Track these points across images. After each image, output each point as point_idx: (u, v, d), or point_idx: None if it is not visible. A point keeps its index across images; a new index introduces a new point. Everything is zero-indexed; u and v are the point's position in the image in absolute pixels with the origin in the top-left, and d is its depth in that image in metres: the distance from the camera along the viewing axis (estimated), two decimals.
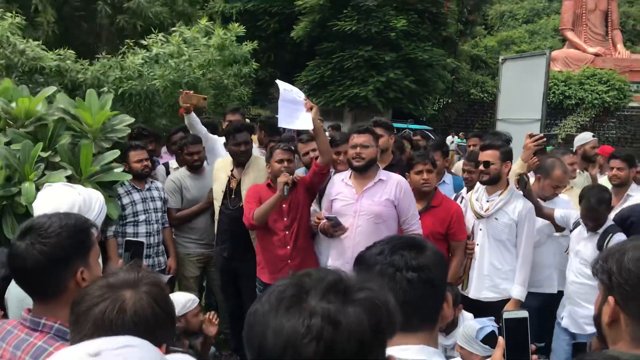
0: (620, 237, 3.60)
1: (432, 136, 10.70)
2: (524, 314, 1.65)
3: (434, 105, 26.31)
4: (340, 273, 0.96)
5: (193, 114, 4.98)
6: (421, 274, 1.39)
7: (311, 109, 3.92)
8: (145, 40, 7.11)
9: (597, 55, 26.83)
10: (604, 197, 3.75)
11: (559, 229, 4.24)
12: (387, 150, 4.59)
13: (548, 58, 8.38)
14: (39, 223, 1.71)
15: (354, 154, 3.71)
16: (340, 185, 3.84)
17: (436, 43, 22.02)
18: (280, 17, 22.04)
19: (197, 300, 3.77)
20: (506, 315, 1.62)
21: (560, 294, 4.24)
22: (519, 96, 8.80)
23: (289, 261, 4.09)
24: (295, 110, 3.96)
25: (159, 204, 4.60)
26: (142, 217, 4.43)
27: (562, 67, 26.20)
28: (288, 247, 4.09)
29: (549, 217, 4.13)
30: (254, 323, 0.92)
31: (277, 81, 4.12)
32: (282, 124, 4.07)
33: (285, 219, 4.10)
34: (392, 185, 3.70)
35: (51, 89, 4.34)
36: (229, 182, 4.48)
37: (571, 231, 4.02)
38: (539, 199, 4.16)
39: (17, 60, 6.32)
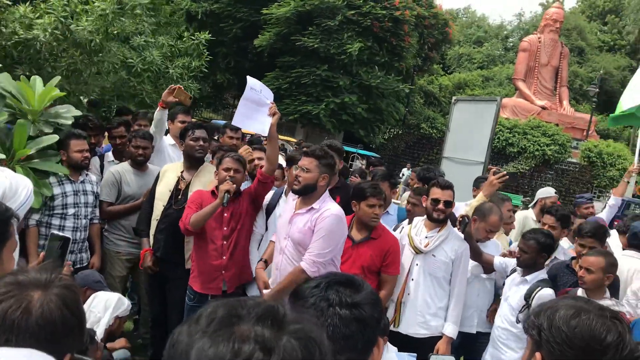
0: (547, 292, 3.67)
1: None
2: (451, 359, 1.66)
3: (385, 134, 26.73)
4: (277, 305, 0.92)
5: (166, 111, 4.85)
6: (354, 312, 1.37)
7: (274, 114, 3.86)
8: None
9: (543, 108, 28.01)
10: (542, 240, 3.87)
11: (487, 270, 4.33)
12: (335, 174, 4.57)
13: (498, 105, 8.63)
14: None
15: (294, 175, 3.63)
16: (290, 202, 3.76)
17: (393, 74, 22.43)
18: (244, 24, 21.96)
19: (130, 306, 3.64)
20: (433, 358, 1.62)
21: (479, 334, 4.33)
22: (466, 137, 9.00)
23: (223, 272, 3.99)
24: (255, 111, 3.88)
25: (90, 198, 4.42)
26: (71, 211, 4.23)
27: (510, 114, 27.17)
28: (224, 257, 3.99)
29: (487, 263, 4.21)
30: (178, 342, 0.86)
31: (249, 78, 4.04)
32: (236, 122, 4.00)
33: (225, 228, 4.01)
34: (317, 214, 3.51)
35: None
36: (177, 182, 4.37)
37: (507, 277, 4.12)
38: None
39: None
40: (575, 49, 41.09)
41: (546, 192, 6.16)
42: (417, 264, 4.03)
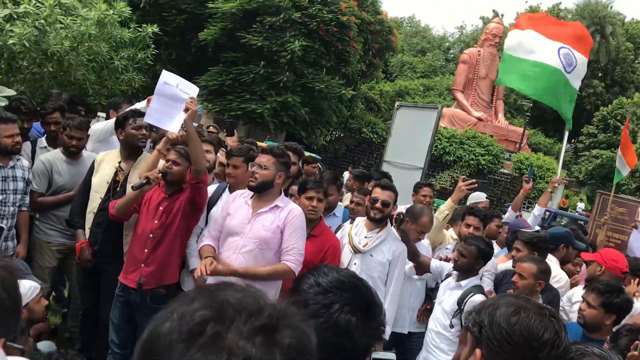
0: (479, 298, 3.74)
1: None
2: (392, 356, 1.68)
3: (326, 136, 26.89)
4: (263, 301, 0.85)
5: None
6: (348, 343, 1.31)
7: (187, 110, 3.73)
8: None
9: (480, 119, 28.97)
10: (482, 247, 3.99)
11: (419, 272, 4.41)
12: (291, 177, 4.59)
13: (439, 112, 8.84)
14: None
15: (250, 172, 3.64)
16: (241, 202, 3.70)
17: (337, 78, 22.58)
18: (188, 16, 21.54)
19: (39, 286, 3.46)
20: (375, 355, 1.64)
21: (410, 334, 4.42)
22: (407, 143, 9.18)
23: (142, 265, 3.86)
24: (170, 107, 3.77)
25: (20, 184, 4.20)
26: None
27: (447, 124, 27.93)
28: (145, 250, 3.86)
29: (423, 264, 4.28)
30: (156, 350, 0.80)
31: (164, 72, 3.90)
32: (148, 119, 3.90)
33: (156, 221, 3.88)
34: (285, 212, 3.61)
35: None
36: (115, 174, 4.24)
37: (442, 281, 4.20)
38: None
39: None
40: None
41: (477, 197, 6.36)
42: (355, 263, 4.07)
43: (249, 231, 3.57)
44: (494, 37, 30.73)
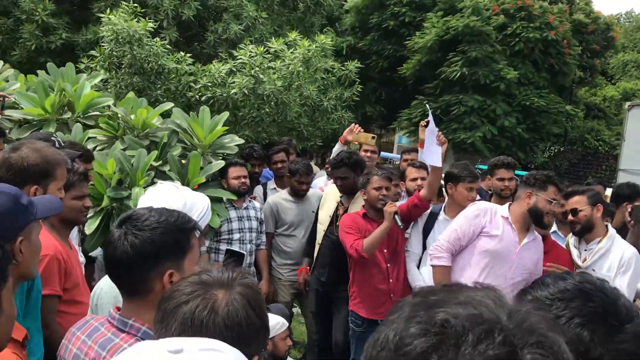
0: None
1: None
2: None
3: (545, 153, 25.08)
4: (492, 314, 0.68)
5: (344, 147, 4.93)
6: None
7: (443, 144, 3.77)
8: (236, 51, 7.22)
9: None
10: None
11: None
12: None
13: None
14: (137, 214, 1.64)
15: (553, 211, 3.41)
16: (505, 225, 3.40)
17: (552, 90, 21.02)
18: (390, 59, 22.09)
19: (287, 324, 3.66)
20: None
21: None
22: None
23: (392, 295, 3.92)
24: (431, 142, 3.83)
25: (254, 224, 4.58)
26: (236, 236, 4.42)
27: None
28: (390, 280, 3.94)
29: None
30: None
31: (427, 107, 4.03)
32: (426, 160, 4.02)
33: (385, 250, 3.96)
34: (539, 243, 3.46)
35: (168, 105, 4.51)
36: (336, 208, 4.43)
37: None
38: None
39: (140, 57, 6.58)
40: None
41: None
42: None
43: (517, 261, 3.34)
44: None
